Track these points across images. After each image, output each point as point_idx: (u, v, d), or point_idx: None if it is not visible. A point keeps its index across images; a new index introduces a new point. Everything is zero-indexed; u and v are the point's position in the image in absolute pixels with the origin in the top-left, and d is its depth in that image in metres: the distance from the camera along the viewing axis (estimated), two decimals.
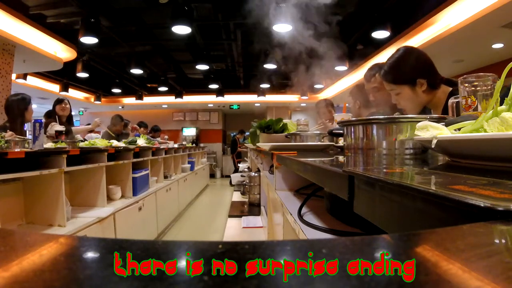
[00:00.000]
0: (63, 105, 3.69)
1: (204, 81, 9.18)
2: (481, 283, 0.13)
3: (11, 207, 2.19)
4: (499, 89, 0.57)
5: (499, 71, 0.57)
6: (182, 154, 6.40)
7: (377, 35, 4.76)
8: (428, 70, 1.52)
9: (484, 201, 0.23)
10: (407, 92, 1.52)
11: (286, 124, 1.94)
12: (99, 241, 0.19)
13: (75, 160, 2.45)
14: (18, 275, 0.14)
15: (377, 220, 0.36)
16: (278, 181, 1.48)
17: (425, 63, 1.54)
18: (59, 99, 3.77)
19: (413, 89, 1.51)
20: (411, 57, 1.53)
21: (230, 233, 2.75)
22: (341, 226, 0.86)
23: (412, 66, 1.51)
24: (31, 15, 4.73)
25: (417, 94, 1.51)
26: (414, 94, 1.51)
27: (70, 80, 8.30)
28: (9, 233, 0.22)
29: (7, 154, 1.80)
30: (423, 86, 1.49)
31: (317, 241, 0.18)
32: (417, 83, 1.49)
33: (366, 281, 0.13)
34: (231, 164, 11.70)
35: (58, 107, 3.68)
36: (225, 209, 5.20)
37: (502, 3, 3.49)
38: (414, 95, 1.51)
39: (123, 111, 11.27)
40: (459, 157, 0.58)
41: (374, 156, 0.90)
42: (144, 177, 3.77)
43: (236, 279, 0.14)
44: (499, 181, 0.35)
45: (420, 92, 1.50)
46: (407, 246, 0.19)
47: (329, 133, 1.41)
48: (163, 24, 5.43)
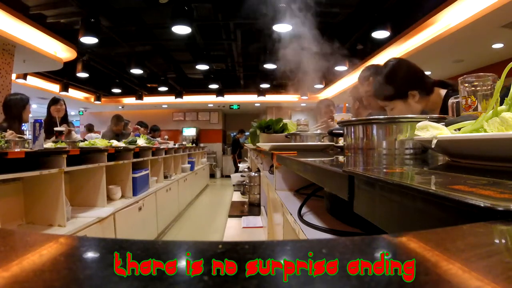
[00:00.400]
0: (58, 106, 3.53)
1: (204, 81, 9.18)
2: (481, 283, 0.13)
3: (11, 207, 2.19)
4: (499, 89, 0.57)
5: (499, 71, 0.57)
6: (182, 154, 6.40)
7: (377, 35, 4.76)
8: (418, 80, 1.51)
9: (484, 201, 0.23)
10: (400, 106, 1.52)
11: (286, 124, 1.95)
12: (99, 241, 0.19)
13: (75, 160, 2.45)
14: (18, 275, 0.14)
15: (377, 220, 0.36)
16: (278, 181, 1.48)
17: (414, 74, 1.52)
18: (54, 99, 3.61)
19: (406, 102, 1.50)
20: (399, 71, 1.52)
21: (230, 233, 2.75)
22: (341, 226, 0.86)
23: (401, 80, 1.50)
24: (31, 15, 4.73)
25: (411, 105, 1.50)
26: (407, 107, 1.51)
27: (70, 80, 8.30)
28: (9, 233, 0.22)
29: (7, 154, 1.80)
30: (416, 97, 1.48)
31: (317, 241, 0.18)
32: (409, 96, 1.49)
33: (366, 281, 0.13)
34: (231, 164, 11.70)
35: (53, 108, 3.53)
36: (225, 209, 5.20)
37: (502, 3, 3.49)
38: (407, 108, 1.51)
39: (123, 111, 11.27)
40: (459, 157, 0.58)
41: (374, 156, 0.90)
42: (144, 177, 3.77)
43: (236, 279, 0.14)
44: (499, 181, 0.35)
45: (413, 103, 1.50)
46: (407, 246, 0.19)
47: (329, 133, 1.41)
48: (163, 24, 5.43)
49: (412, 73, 1.52)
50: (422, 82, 1.51)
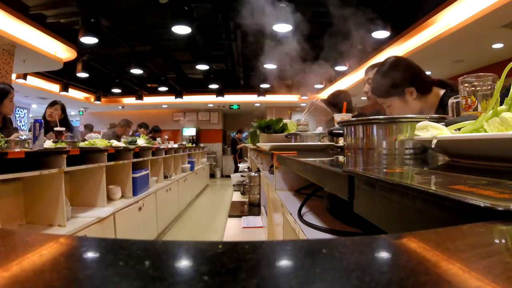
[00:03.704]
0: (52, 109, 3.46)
1: (204, 81, 9.18)
2: (481, 283, 0.13)
3: (11, 207, 2.19)
4: (499, 89, 0.57)
5: (499, 71, 0.57)
6: (182, 154, 6.40)
7: (377, 35, 4.76)
8: (415, 77, 1.51)
9: (484, 201, 0.23)
10: (397, 103, 1.52)
11: (286, 124, 1.95)
12: (99, 241, 0.19)
13: (75, 160, 2.45)
14: (18, 275, 0.14)
15: (377, 220, 0.36)
16: (278, 181, 1.48)
17: (412, 72, 1.52)
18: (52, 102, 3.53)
19: (403, 99, 1.50)
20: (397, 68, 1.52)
21: (230, 233, 2.75)
22: (341, 226, 0.86)
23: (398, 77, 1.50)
24: (31, 15, 4.73)
25: (408, 103, 1.50)
26: (405, 104, 1.51)
27: (70, 80, 8.30)
28: (9, 233, 0.22)
29: (7, 154, 1.80)
30: (413, 94, 1.48)
31: (317, 241, 0.18)
32: (406, 92, 1.49)
33: (366, 281, 0.13)
34: (231, 164, 11.70)
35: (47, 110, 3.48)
36: (225, 209, 5.19)
37: (502, 3, 3.49)
38: (405, 105, 1.51)
39: (123, 111, 11.29)
40: (459, 157, 0.58)
41: (374, 156, 0.90)
42: (144, 177, 3.77)
43: (236, 279, 0.14)
44: (499, 181, 0.35)
45: (411, 100, 1.50)
46: (407, 246, 0.19)
47: (329, 133, 1.41)
48: (163, 24, 5.43)
49: (410, 70, 1.52)
50: (420, 80, 1.51)
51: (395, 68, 1.52)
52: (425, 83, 1.51)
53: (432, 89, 1.51)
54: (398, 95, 1.51)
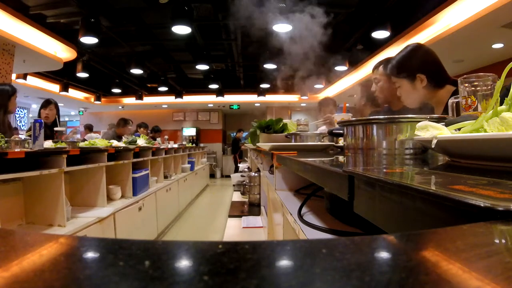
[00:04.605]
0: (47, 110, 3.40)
1: (204, 81, 9.18)
2: (481, 283, 0.13)
3: (11, 207, 2.19)
4: (499, 89, 0.57)
5: (499, 71, 0.57)
6: (182, 154, 6.40)
7: (377, 35, 4.76)
8: (431, 67, 1.54)
9: (484, 201, 0.23)
10: (406, 86, 1.56)
11: (286, 124, 1.94)
12: (99, 241, 0.19)
13: (75, 160, 2.44)
14: (18, 275, 0.14)
15: (377, 220, 0.36)
16: (278, 181, 1.48)
17: (429, 60, 1.55)
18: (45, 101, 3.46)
19: (412, 84, 1.53)
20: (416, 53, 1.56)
21: (230, 233, 2.75)
22: (341, 226, 0.86)
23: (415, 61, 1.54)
24: (31, 15, 4.73)
25: (416, 89, 1.53)
26: (413, 89, 1.54)
27: (70, 80, 8.30)
28: (9, 233, 0.22)
29: (7, 154, 1.80)
30: (423, 82, 1.51)
31: (317, 241, 0.18)
32: (417, 78, 1.51)
33: (366, 281, 0.13)
34: (231, 164, 11.70)
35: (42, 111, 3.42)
36: (225, 209, 5.19)
37: (502, 3, 3.49)
38: (413, 90, 1.54)
39: (123, 111, 11.29)
40: (459, 157, 0.58)
41: (374, 156, 0.90)
42: (144, 177, 3.77)
43: (236, 279, 0.14)
44: (499, 181, 0.35)
45: (419, 87, 1.52)
46: (407, 246, 0.19)
47: (329, 133, 1.41)
48: (163, 24, 5.43)
49: (427, 58, 1.56)
50: (433, 71, 1.53)
51: (414, 52, 1.56)
52: (439, 76, 1.53)
53: (446, 85, 1.52)
54: (409, 79, 1.54)
